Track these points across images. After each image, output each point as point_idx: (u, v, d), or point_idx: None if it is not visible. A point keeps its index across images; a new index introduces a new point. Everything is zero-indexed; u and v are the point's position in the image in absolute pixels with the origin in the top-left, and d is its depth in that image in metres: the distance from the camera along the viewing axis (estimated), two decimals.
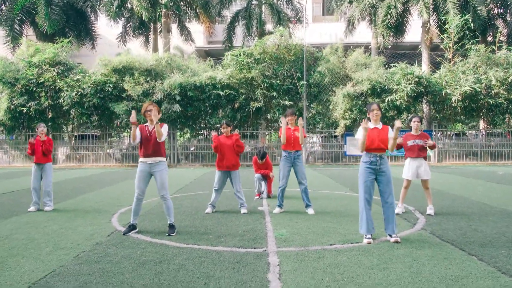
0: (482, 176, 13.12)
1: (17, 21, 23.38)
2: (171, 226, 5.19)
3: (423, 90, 18.48)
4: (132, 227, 5.20)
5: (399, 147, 6.38)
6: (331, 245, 4.53)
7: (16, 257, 4.15)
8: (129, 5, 24.85)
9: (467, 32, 18.54)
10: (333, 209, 6.96)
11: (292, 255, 4.15)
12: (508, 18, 24.95)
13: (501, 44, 20.84)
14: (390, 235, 4.68)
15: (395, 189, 4.85)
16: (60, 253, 4.27)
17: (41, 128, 7.12)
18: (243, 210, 6.62)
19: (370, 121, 4.92)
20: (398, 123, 4.68)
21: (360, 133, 4.80)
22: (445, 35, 19.39)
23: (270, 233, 5.15)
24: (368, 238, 4.64)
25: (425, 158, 6.41)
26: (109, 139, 21.90)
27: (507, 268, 3.65)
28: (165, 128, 5.19)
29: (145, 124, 5.25)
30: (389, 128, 4.89)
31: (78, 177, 14.02)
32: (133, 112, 4.96)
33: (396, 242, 4.57)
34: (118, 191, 9.73)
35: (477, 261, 3.90)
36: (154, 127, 5.11)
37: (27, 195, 9.12)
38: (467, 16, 18.71)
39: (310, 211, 6.50)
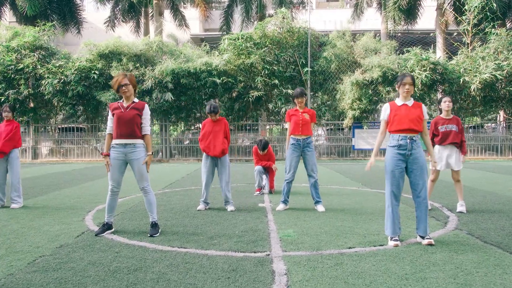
0: (508, 171, 12.47)
1: None
2: (154, 225, 4.54)
3: (439, 77, 17.78)
4: (106, 227, 4.54)
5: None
6: (349, 248, 3.88)
7: None
8: None
9: (488, 14, 17.80)
10: (346, 206, 6.31)
11: (303, 261, 3.50)
12: None
13: None
14: (422, 237, 4.05)
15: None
16: (12, 258, 3.62)
17: (5, 113, 6.42)
18: (230, 208, 5.98)
19: (398, 96, 4.28)
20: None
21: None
22: (463, 17, 18.67)
23: (274, 233, 4.49)
24: (395, 240, 4.00)
25: (457, 145, 5.74)
26: (99, 132, 21.20)
27: None
28: (146, 112, 4.54)
29: (119, 101, 4.58)
30: (423, 106, 4.22)
31: (58, 172, 13.36)
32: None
33: (430, 244, 3.93)
34: (100, 186, 9.07)
35: None
36: (130, 104, 4.48)
37: None
38: None
39: (320, 208, 5.85)
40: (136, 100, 4.54)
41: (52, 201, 6.91)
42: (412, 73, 17.66)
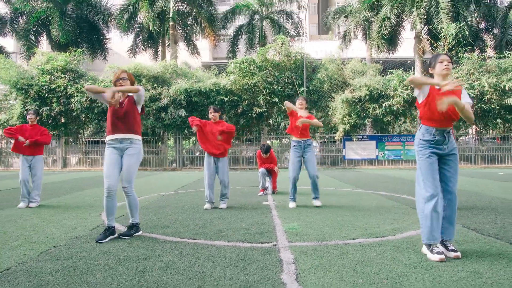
0: (485, 176, 12.02)
1: (32, 32, 22.52)
2: (131, 227, 3.66)
3: None
4: (109, 232, 3.50)
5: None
6: (353, 239, 3.45)
7: None
8: (138, 19, 24.06)
9: (461, 40, 17.57)
10: (344, 204, 5.88)
11: (309, 250, 3.08)
12: (495, 32, 24.05)
13: (490, 57, 19.83)
14: (446, 242, 2.94)
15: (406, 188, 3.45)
16: (26, 248, 3.21)
17: (29, 116, 5.99)
18: (222, 205, 5.47)
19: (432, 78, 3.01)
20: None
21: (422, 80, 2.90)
22: (439, 43, 18.45)
23: (279, 226, 4.07)
24: (439, 254, 2.79)
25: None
26: None
27: None
28: (140, 88, 3.56)
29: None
30: (463, 90, 2.94)
31: (83, 177, 12.95)
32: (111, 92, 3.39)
33: (457, 258, 2.81)
34: (119, 188, 8.64)
35: None
36: (124, 98, 3.60)
37: None
38: (462, 24, 17.77)
39: (317, 202, 5.46)
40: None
41: (73, 200, 6.50)
42: (394, 92, 17.40)
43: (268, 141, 21.07)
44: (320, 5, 47.31)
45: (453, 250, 2.87)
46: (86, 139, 21.31)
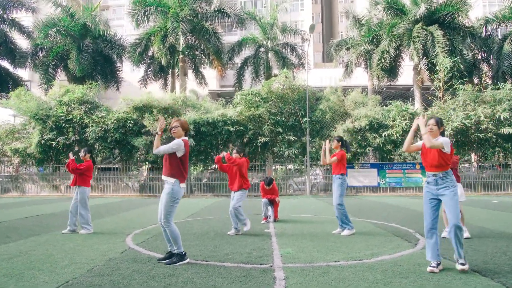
0: (478, 204, 12.68)
1: (51, 66, 24.15)
2: (171, 255, 4.26)
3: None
4: (168, 255, 4.32)
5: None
6: (335, 261, 4.27)
7: (33, 270, 3.96)
8: (150, 52, 25.61)
9: (456, 73, 18.61)
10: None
11: (298, 270, 3.91)
12: (492, 62, 25.13)
13: (487, 85, 20.77)
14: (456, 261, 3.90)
15: (406, 218, 4.19)
16: (74, 267, 4.08)
17: (81, 153, 7.17)
18: (244, 228, 6.35)
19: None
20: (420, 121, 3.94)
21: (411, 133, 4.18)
22: (435, 75, 19.51)
23: (276, 251, 4.90)
24: (431, 266, 3.83)
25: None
26: (129, 172, 21.83)
27: (511, 283, 3.37)
28: (174, 143, 4.25)
29: None
30: (443, 140, 3.91)
31: (98, 204, 13.84)
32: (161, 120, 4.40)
33: (463, 271, 3.76)
34: (134, 215, 9.53)
35: (480, 276, 3.63)
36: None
37: (48, 218, 9.00)
38: (456, 58, 18.86)
39: (342, 232, 6.27)
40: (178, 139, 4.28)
41: (97, 227, 7.33)
42: (393, 122, 18.32)
43: (273, 168, 21.92)
44: (325, 34, 49.21)
45: (461, 264, 3.81)
46: (98, 166, 22.35)
